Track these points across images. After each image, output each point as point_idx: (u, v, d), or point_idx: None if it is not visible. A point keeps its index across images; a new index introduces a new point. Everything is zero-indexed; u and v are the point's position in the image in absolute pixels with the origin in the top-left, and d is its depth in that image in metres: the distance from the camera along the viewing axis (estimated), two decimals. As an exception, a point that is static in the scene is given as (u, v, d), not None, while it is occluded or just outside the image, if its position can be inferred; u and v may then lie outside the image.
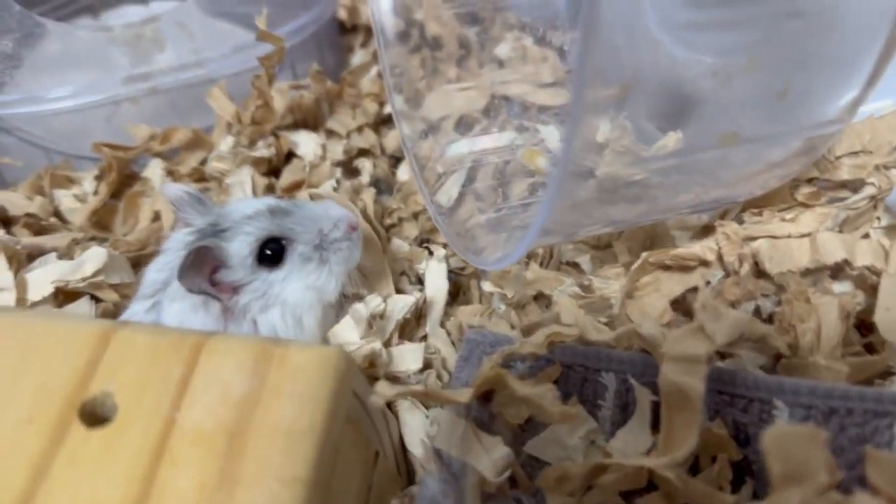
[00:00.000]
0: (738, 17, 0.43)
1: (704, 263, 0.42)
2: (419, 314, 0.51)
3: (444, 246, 0.57)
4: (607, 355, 0.41)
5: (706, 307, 0.36)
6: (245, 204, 0.47)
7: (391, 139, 0.68)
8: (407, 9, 0.65)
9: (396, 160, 0.67)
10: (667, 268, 0.43)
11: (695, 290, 0.42)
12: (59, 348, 0.35)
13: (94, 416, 0.33)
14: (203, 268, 0.41)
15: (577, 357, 0.41)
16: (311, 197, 0.53)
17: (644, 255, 0.42)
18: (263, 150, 0.58)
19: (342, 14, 0.73)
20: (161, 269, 0.44)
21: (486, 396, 0.40)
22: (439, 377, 0.44)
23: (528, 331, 0.47)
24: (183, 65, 0.63)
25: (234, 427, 0.32)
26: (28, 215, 0.55)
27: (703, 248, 0.41)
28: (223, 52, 0.63)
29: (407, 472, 0.44)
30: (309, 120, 0.64)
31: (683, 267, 0.42)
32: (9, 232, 0.56)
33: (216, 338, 0.35)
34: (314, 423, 0.32)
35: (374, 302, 0.46)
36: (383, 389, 0.36)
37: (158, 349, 0.34)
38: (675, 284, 0.42)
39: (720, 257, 0.41)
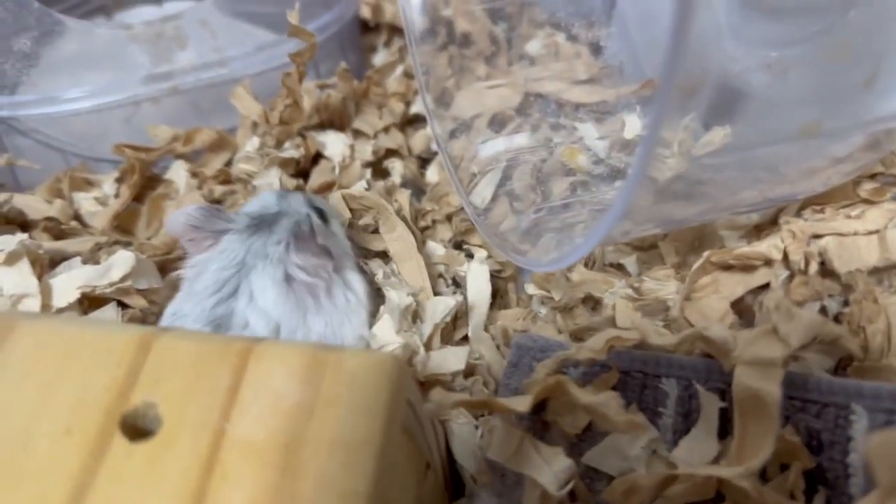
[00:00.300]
0: (797, 7, 0.41)
1: (768, 263, 0.40)
2: (456, 317, 0.49)
3: (479, 246, 0.55)
4: (667, 360, 0.39)
5: (780, 308, 0.34)
6: (262, 198, 0.49)
7: (418, 139, 0.66)
8: (433, 6, 0.64)
9: (423, 161, 0.66)
10: (727, 268, 0.41)
11: (756, 290, 0.40)
12: (96, 356, 0.33)
13: (137, 428, 0.31)
14: (316, 235, 0.44)
15: (634, 363, 0.40)
16: (344, 198, 0.52)
17: (706, 254, 0.40)
18: (292, 151, 0.56)
19: (366, 12, 0.72)
20: (226, 266, 0.42)
21: (538, 404, 0.39)
22: (485, 384, 0.42)
23: (576, 335, 0.45)
24: (205, 63, 0.61)
25: (288, 439, 0.30)
26: (48, 219, 0.53)
27: (769, 247, 0.39)
28: (246, 50, 0.62)
29: (453, 484, 0.42)
30: (335, 120, 0.62)
31: (745, 267, 0.40)
32: (29, 237, 0.54)
33: (264, 344, 0.33)
34: (372, 433, 0.30)
35: (406, 300, 0.44)
36: (439, 398, 0.34)
37: (203, 356, 0.32)
38: (735, 285, 0.40)
39: (785, 256, 0.40)
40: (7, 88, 0.59)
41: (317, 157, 0.59)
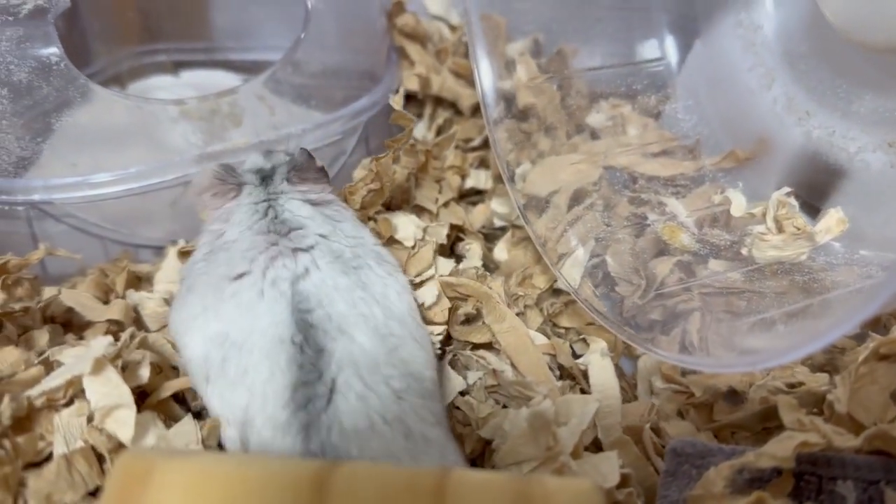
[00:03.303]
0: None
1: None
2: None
3: (569, 329, 0.53)
4: (840, 460, 0.37)
5: None
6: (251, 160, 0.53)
7: (477, 214, 0.63)
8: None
9: (485, 237, 0.63)
10: (882, 357, 0.39)
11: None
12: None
13: None
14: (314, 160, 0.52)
15: (804, 464, 0.37)
16: (441, 286, 0.48)
17: (872, 345, 0.38)
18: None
19: (413, 84, 0.69)
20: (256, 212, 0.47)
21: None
22: (637, 495, 0.39)
23: (718, 432, 0.43)
24: (262, 142, 0.57)
25: None
26: (111, 321, 0.48)
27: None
28: (305, 127, 0.58)
29: None
30: (396, 196, 0.59)
31: (904, 356, 0.38)
32: (79, 339, 0.48)
33: (456, 476, 0.29)
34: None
35: (545, 404, 0.41)
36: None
37: (388, 498, 0.28)
38: (894, 375, 0.38)
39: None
40: (42, 170, 0.54)
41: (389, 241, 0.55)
